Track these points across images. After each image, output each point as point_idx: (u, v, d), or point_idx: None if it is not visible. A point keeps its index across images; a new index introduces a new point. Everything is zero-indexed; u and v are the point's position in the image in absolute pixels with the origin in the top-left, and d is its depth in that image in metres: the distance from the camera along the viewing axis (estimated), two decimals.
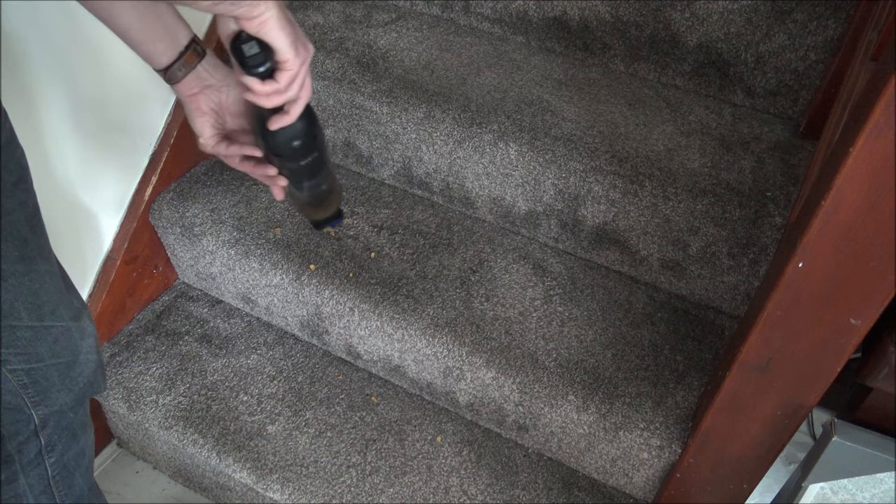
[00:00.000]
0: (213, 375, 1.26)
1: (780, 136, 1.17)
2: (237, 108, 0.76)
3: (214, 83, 0.74)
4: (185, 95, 0.74)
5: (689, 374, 1.07)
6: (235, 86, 0.74)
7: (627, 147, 1.12)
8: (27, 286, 0.70)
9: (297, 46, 0.67)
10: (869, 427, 0.82)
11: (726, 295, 1.14)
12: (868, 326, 0.68)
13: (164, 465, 1.33)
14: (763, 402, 0.80)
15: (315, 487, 1.12)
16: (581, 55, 1.31)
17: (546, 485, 1.13)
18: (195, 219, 1.27)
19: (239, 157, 0.78)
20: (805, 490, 0.95)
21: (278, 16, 0.64)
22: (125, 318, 1.34)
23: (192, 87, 0.73)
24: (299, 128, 0.73)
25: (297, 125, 0.73)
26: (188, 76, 0.73)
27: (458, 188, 1.26)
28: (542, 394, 1.05)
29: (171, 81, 0.73)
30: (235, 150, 0.77)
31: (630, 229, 1.14)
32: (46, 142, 1.07)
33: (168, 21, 0.71)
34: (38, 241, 0.72)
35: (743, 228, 1.05)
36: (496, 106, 1.19)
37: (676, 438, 0.99)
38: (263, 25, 0.63)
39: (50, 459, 0.79)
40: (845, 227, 0.62)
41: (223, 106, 0.76)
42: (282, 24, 0.65)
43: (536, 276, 1.19)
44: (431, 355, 1.12)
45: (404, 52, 1.30)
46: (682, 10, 1.17)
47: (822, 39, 1.11)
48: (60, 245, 1.17)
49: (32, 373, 0.74)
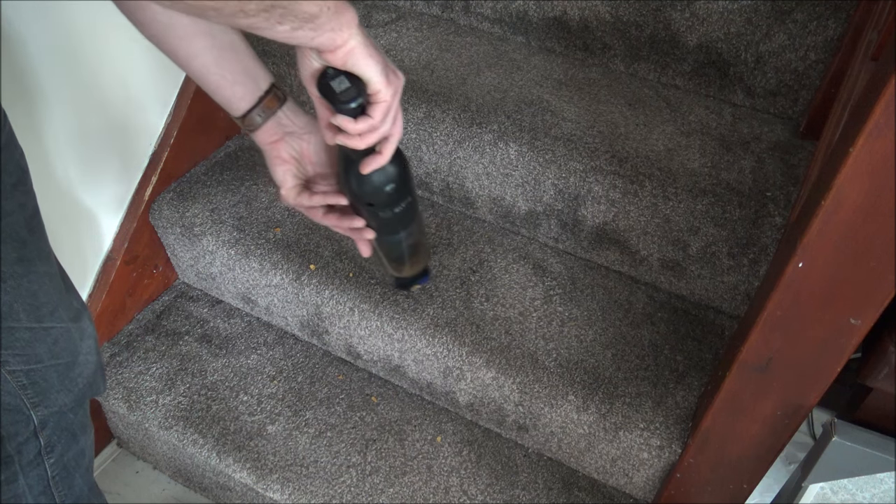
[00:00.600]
0: (213, 375, 1.26)
1: (780, 136, 1.17)
2: (319, 157, 0.73)
3: (296, 130, 0.71)
4: (266, 143, 0.71)
5: (689, 374, 1.07)
6: (318, 132, 0.71)
7: (627, 147, 1.12)
8: (26, 288, 0.70)
9: (388, 75, 0.63)
10: (869, 427, 0.82)
11: (726, 295, 1.14)
12: (868, 326, 0.68)
13: (164, 465, 1.33)
14: (763, 402, 0.80)
15: (315, 487, 1.12)
16: (581, 55, 1.31)
17: (546, 485, 1.13)
18: (195, 219, 1.27)
19: (322, 210, 0.74)
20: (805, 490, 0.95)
21: (364, 43, 0.59)
22: (125, 318, 1.34)
23: (272, 135, 0.71)
24: (391, 171, 0.67)
25: (390, 168, 0.67)
26: (268, 122, 0.70)
27: (458, 188, 1.26)
28: (542, 394, 1.05)
29: (250, 128, 0.70)
30: (319, 200, 0.73)
31: (630, 229, 1.14)
32: (47, 142, 1.07)
33: (247, 63, 0.68)
34: (38, 242, 0.72)
35: (743, 228, 1.05)
36: (496, 106, 1.19)
37: (676, 438, 0.99)
38: (350, 56, 0.59)
39: (49, 460, 0.79)
40: (845, 227, 0.62)
41: (304, 154, 0.72)
42: (369, 51, 0.60)
43: (536, 276, 1.19)
44: (431, 355, 1.12)
45: (404, 52, 1.30)
46: (682, 10, 1.17)
47: (822, 39, 1.11)
48: (60, 245, 1.18)
49: (31, 374, 0.74)
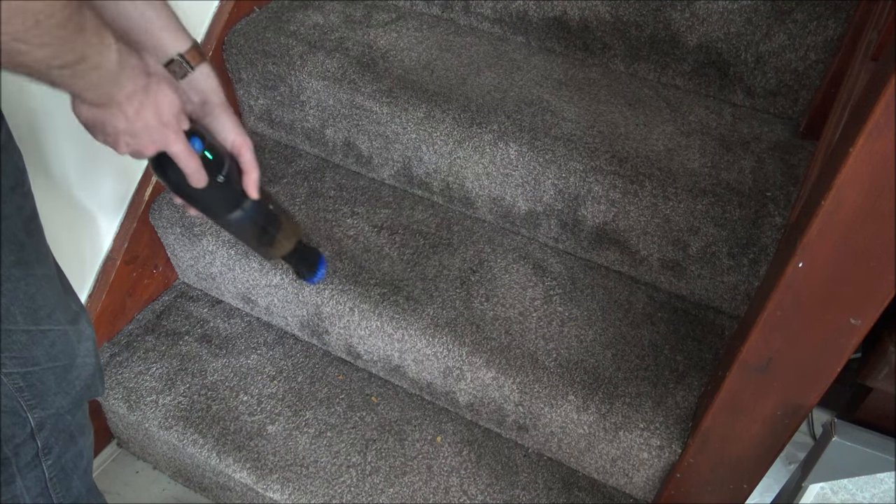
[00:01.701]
0: (213, 375, 1.26)
1: (780, 136, 1.17)
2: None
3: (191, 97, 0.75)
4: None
5: (689, 374, 1.07)
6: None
7: (627, 147, 1.12)
8: (23, 290, 0.69)
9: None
10: (869, 427, 0.82)
11: (726, 295, 1.14)
12: (868, 326, 0.68)
13: (164, 465, 1.33)
14: (763, 402, 0.80)
15: (315, 487, 1.12)
16: (581, 55, 1.31)
17: (546, 485, 1.13)
18: (195, 218, 1.27)
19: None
20: (805, 490, 0.95)
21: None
22: (125, 318, 1.34)
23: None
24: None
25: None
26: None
27: (458, 188, 1.26)
28: (542, 394, 1.05)
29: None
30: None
31: (630, 229, 1.14)
32: (46, 142, 1.07)
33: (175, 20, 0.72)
34: (35, 245, 0.71)
35: (743, 228, 1.05)
36: (496, 106, 1.19)
37: (676, 438, 0.99)
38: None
39: (47, 462, 0.79)
40: (845, 227, 0.62)
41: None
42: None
43: (536, 276, 1.19)
44: (431, 355, 1.12)
45: (404, 52, 1.30)
46: (682, 10, 1.17)
47: (822, 39, 1.11)
48: (60, 245, 1.18)
49: (28, 376, 0.73)
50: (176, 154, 0.68)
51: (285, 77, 1.29)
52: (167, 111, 0.65)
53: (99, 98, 0.60)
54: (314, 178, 1.35)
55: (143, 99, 0.62)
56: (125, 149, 0.66)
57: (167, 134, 0.66)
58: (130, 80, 0.60)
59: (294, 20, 1.35)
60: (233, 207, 0.79)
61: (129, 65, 0.59)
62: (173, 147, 0.67)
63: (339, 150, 1.36)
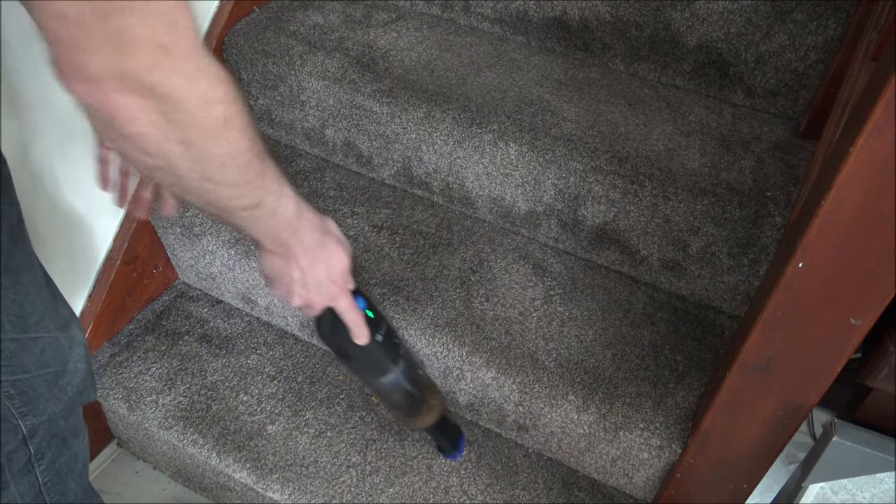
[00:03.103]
0: (213, 375, 1.26)
1: (780, 136, 1.17)
2: None
3: None
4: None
5: (689, 374, 1.07)
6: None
7: (627, 147, 1.12)
8: (11, 298, 0.68)
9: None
10: (869, 427, 0.82)
11: (726, 295, 1.14)
12: (868, 326, 0.68)
13: (164, 465, 1.33)
14: (763, 402, 0.80)
15: (315, 487, 1.12)
16: (581, 55, 1.31)
17: (546, 485, 1.13)
18: (195, 218, 1.27)
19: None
20: (805, 490, 0.95)
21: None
22: (125, 318, 1.34)
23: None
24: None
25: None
26: None
27: (458, 188, 1.26)
28: (542, 394, 1.05)
29: None
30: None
31: (630, 229, 1.14)
32: (46, 142, 1.07)
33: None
34: (22, 252, 0.70)
35: (743, 228, 1.05)
36: (496, 106, 1.19)
37: (676, 438, 0.99)
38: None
39: (40, 467, 0.78)
40: (845, 227, 0.62)
41: None
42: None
43: (536, 276, 1.19)
44: (431, 355, 1.12)
45: (404, 52, 1.30)
46: (682, 10, 1.17)
47: (822, 39, 1.11)
48: (60, 245, 1.18)
49: (18, 384, 0.72)
50: (342, 309, 0.75)
51: (285, 77, 1.29)
52: (338, 269, 0.72)
53: (277, 247, 0.65)
54: (314, 178, 1.35)
55: (317, 254, 0.68)
56: (298, 300, 0.72)
57: (336, 290, 0.72)
58: (308, 233, 0.65)
59: (294, 20, 1.35)
60: (388, 368, 0.85)
61: (305, 218, 0.64)
62: (341, 302, 0.74)
63: (339, 150, 1.36)
